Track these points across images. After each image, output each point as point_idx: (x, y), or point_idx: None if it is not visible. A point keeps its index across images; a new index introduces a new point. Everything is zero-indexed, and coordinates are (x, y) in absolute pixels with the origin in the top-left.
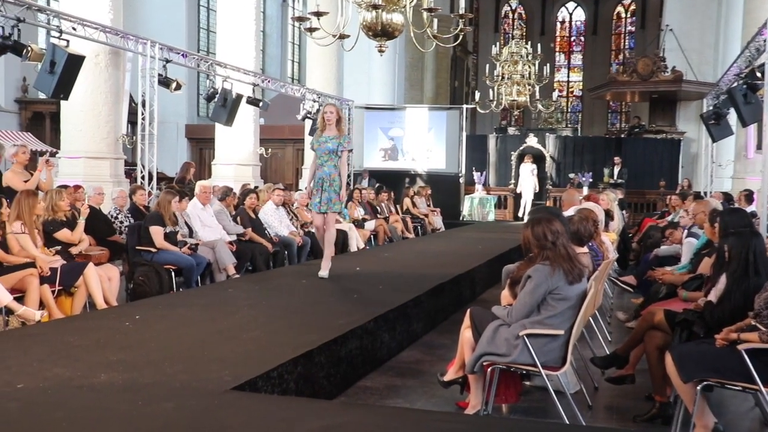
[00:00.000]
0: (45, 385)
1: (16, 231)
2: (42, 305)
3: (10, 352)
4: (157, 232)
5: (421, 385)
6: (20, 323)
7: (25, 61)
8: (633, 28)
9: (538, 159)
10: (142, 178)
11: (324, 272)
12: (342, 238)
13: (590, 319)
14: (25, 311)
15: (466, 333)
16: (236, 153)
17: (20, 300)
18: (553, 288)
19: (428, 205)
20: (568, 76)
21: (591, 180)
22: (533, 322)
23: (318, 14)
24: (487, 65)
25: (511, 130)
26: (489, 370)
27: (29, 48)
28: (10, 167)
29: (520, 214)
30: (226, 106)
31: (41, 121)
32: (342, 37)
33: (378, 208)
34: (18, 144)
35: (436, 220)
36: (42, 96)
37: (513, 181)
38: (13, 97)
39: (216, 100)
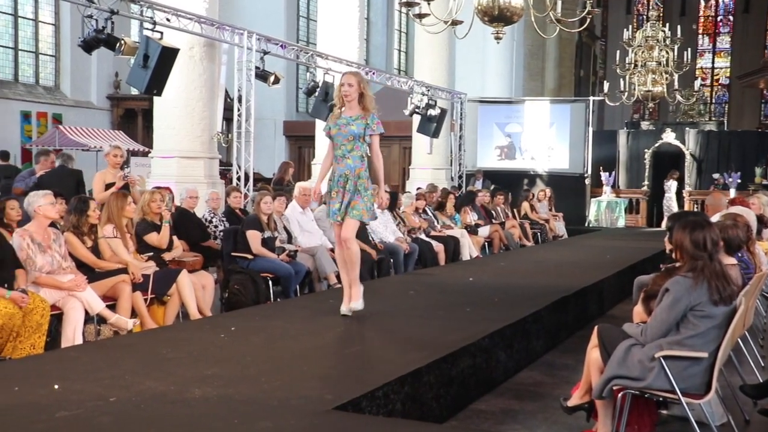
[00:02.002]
0: (137, 400)
1: (108, 235)
2: (134, 314)
3: (102, 363)
4: (254, 238)
5: (542, 410)
6: (112, 332)
7: (118, 56)
8: None
9: (676, 158)
10: (238, 179)
11: (355, 304)
12: (453, 246)
13: (739, 340)
14: (117, 320)
15: (593, 353)
16: None
17: (112, 308)
18: (695, 304)
19: (549, 210)
20: (713, 62)
21: (739, 181)
22: (671, 343)
23: None
24: (618, 52)
25: (645, 125)
26: (620, 395)
27: (122, 41)
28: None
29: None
30: (328, 101)
31: (133, 118)
32: (454, 23)
33: (493, 212)
34: (113, 144)
35: (558, 226)
36: (134, 92)
37: (646, 182)
38: (105, 93)
39: (317, 94)
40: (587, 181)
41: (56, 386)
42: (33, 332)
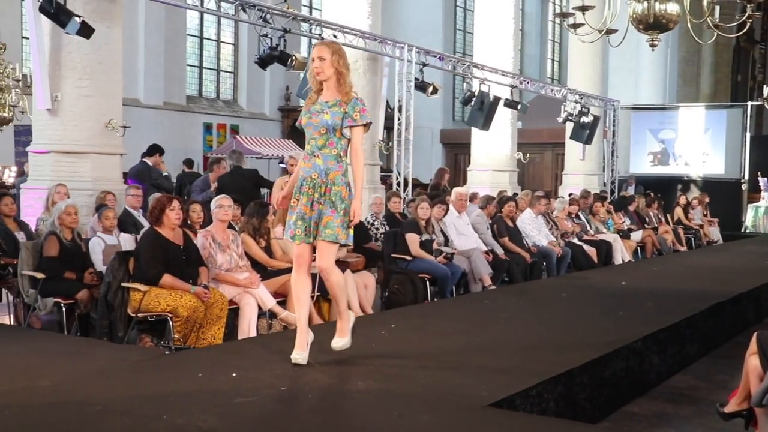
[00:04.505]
0: (306, 390)
1: (278, 236)
2: None
3: (274, 355)
4: (413, 240)
5: (697, 415)
6: (282, 327)
7: (289, 71)
8: None
9: None
10: (398, 184)
11: (341, 341)
12: (606, 250)
13: None
14: (287, 315)
15: (751, 360)
16: (492, 158)
17: (282, 304)
18: None
19: (704, 215)
20: None
21: None
22: None
23: (583, 9)
24: None
25: None
26: None
27: (293, 57)
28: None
29: None
30: (483, 110)
31: None
32: (609, 32)
33: (646, 217)
34: (290, 154)
35: (713, 232)
36: (302, 103)
37: None
38: (276, 105)
39: (473, 103)
40: (744, 187)
41: (234, 374)
42: (213, 324)
